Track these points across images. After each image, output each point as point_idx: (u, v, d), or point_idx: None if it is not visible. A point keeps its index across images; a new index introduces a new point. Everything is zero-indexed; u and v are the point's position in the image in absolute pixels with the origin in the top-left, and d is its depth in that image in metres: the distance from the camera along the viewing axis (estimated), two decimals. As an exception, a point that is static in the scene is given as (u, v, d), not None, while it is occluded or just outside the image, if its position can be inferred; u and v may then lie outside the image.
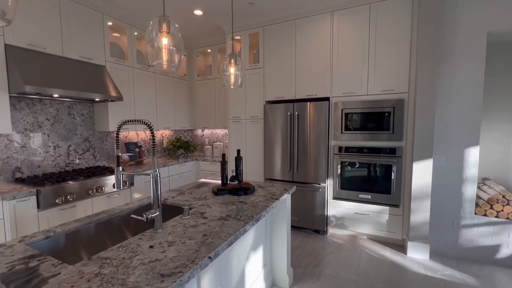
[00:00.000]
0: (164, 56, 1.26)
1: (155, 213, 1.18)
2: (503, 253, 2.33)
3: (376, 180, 2.72)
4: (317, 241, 2.86)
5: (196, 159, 3.85)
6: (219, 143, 4.18)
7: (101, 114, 2.90)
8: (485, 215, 2.39)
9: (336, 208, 2.94)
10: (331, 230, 3.05)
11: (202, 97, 4.11)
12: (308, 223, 3.03)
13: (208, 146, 4.15)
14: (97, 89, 2.51)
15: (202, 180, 2.37)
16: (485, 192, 2.48)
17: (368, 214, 2.79)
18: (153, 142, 1.16)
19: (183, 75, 4.05)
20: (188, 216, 1.37)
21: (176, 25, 1.28)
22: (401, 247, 2.68)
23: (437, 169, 2.52)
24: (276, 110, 3.13)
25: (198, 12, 3.03)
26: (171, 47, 1.26)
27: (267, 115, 3.19)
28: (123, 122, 1.23)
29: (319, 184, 2.95)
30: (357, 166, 2.80)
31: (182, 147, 3.90)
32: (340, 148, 2.86)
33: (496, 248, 2.36)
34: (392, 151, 2.62)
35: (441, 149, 2.50)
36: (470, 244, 2.45)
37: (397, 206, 2.65)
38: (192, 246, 1.04)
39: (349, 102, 2.77)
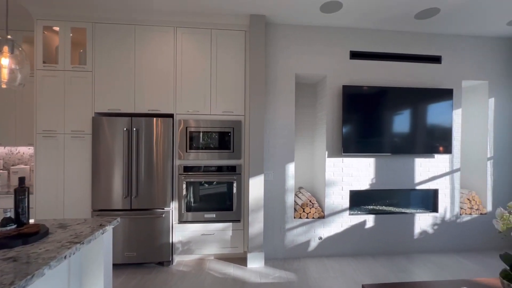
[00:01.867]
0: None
1: None
2: (312, 246, 2.96)
3: (220, 198, 2.77)
4: (159, 275, 2.50)
5: (-31, 193, 2.49)
6: (23, 166, 2.96)
7: None
8: (300, 217, 2.96)
9: (183, 232, 2.73)
10: (177, 258, 2.79)
11: (-9, 100, 2.81)
12: (150, 256, 2.62)
13: (2, 171, 2.84)
14: None
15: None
16: (300, 199, 3.10)
17: (213, 234, 2.77)
18: None
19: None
20: None
21: None
22: (243, 260, 2.82)
23: (268, 183, 2.91)
24: (109, 125, 2.58)
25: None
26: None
27: (97, 130, 2.57)
28: None
29: (163, 209, 2.65)
30: (202, 185, 2.75)
31: None
32: (185, 168, 2.72)
33: (307, 243, 2.96)
34: (232, 169, 2.78)
35: (270, 165, 2.92)
36: (292, 244, 2.94)
37: (238, 221, 2.80)
38: None
39: (194, 120, 2.73)
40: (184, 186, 2.71)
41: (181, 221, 2.73)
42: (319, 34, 2.98)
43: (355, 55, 3.01)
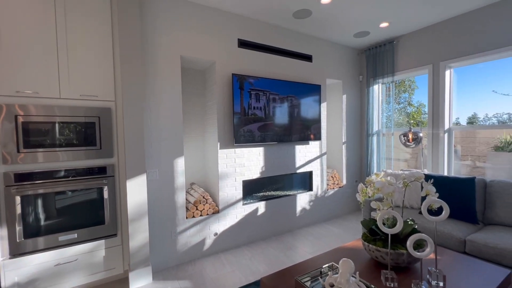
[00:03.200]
0: None
1: None
2: (207, 244, 2.78)
3: (84, 211, 2.08)
4: None
5: None
6: None
7: None
8: (193, 216, 2.70)
9: (20, 270, 1.87)
10: (13, 309, 1.90)
11: None
12: (-47, 322, 1.64)
13: None
14: None
15: None
16: (192, 196, 2.83)
17: (76, 260, 2.06)
18: None
19: None
20: None
21: None
22: (123, 283, 2.28)
23: (153, 183, 2.45)
24: None
25: None
26: None
27: None
28: None
29: (-24, 243, 1.71)
30: (52, 198, 1.97)
31: None
32: (20, 177, 1.85)
33: (203, 242, 2.74)
34: (101, 170, 2.14)
35: (154, 162, 2.46)
36: (185, 247, 2.65)
37: (114, 235, 2.21)
38: None
39: (33, 106, 1.88)
40: (19, 202, 1.85)
41: (15, 254, 1.86)
42: (208, 16, 2.73)
43: (243, 44, 2.96)
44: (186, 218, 2.65)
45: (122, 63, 2.14)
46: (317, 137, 3.57)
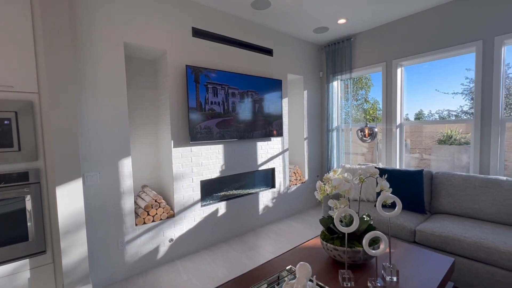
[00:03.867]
0: None
1: None
2: (162, 251, 2.54)
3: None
4: None
5: None
6: None
7: None
8: (144, 222, 2.43)
9: None
10: None
11: None
12: None
13: None
14: None
15: None
16: (143, 200, 2.55)
17: (-12, 287, 1.69)
18: None
19: None
20: None
21: None
22: (57, 305, 1.95)
23: (93, 188, 2.14)
24: None
25: None
26: None
27: None
28: None
29: None
30: (-51, 213, 1.57)
31: None
32: None
33: (156, 250, 2.50)
34: (22, 176, 1.77)
35: (94, 164, 2.14)
36: (136, 258, 2.38)
37: (42, 252, 1.87)
38: None
39: None
40: None
41: None
42: (157, 1, 2.45)
43: (198, 33, 2.74)
44: (136, 225, 2.38)
45: (46, 46, 1.78)
46: (279, 133, 3.51)
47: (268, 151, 3.49)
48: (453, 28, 2.83)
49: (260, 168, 3.40)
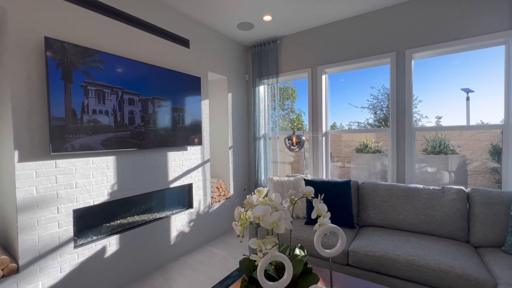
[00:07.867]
0: None
1: None
2: (-11, 336, 1.52)
3: None
4: None
5: None
6: None
7: None
8: None
9: None
10: None
11: None
12: None
13: None
14: None
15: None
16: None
17: None
18: None
19: None
20: None
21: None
22: None
23: None
24: None
25: None
26: None
27: None
28: None
29: None
30: None
31: None
32: None
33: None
34: None
35: None
36: None
37: None
38: None
39: None
40: None
41: None
42: None
43: (72, -5, 1.90)
44: None
45: None
46: (199, 142, 2.89)
47: (183, 163, 2.81)
48: (371, 39, 2.87)
49: (172, 185, 2.69)
